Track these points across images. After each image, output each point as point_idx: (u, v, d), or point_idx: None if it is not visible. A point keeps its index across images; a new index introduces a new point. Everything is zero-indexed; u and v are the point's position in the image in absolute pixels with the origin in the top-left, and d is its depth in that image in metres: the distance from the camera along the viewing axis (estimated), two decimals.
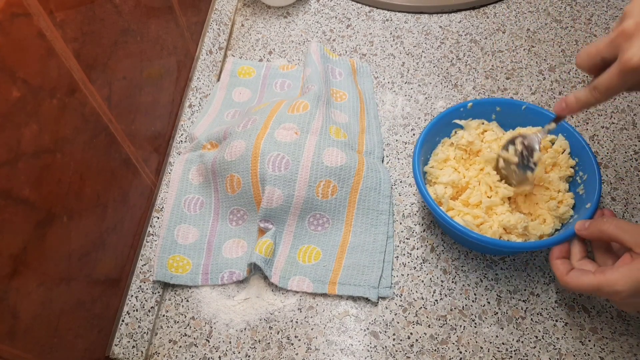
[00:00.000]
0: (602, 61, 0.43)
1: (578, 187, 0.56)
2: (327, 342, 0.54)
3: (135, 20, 0.54)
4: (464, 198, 0.57)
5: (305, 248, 0.59)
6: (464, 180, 0.57)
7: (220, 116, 0.70)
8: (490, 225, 0.54)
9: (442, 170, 0.59)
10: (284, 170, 0.57)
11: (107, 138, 0.49)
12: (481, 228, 0.54)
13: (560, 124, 0.53)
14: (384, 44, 0.79)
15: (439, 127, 0.60)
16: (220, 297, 0.57)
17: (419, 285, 0.58)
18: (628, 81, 0.41)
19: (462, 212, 0.55)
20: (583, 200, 0.55)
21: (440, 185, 0.57)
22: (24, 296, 0.38)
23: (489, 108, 0.61)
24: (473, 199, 0.56)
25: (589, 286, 0.45)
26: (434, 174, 0.59)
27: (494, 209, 0.56)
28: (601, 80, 0.43)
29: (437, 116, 0.60)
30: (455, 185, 0.57)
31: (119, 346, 0.52)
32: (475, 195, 0.56)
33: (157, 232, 0.59)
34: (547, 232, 0.54)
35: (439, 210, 0.52)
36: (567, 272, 0.47)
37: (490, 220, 0.55)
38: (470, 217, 0.54)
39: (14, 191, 0.36)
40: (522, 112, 0.60)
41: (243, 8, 0.85)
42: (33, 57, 0.37)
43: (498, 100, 0.62)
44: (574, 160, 0.58)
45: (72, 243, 0.44)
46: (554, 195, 0.57)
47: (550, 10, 0.82)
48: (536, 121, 0.60)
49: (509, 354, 0.53)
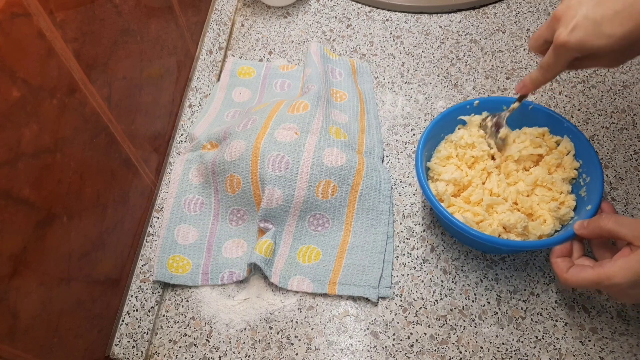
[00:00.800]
0: (545, 43, 0.50)
1: (580, 189, 0.56)
2: (327, 342, 0.54)
3: (135, 20, 0.54)
4: (466, 195, 0.57)
5: (305, 248, 0.59)
6: (466, 179, 0.57)
7: (220, 116, 0.70)
8: (489, 223, 0.54)
9: (444, 167, 0.59)
10: (284, 170, 0.57)
11: (107, 138, 0.49)
12: (480, 225, 0.54)
13: (567, 126, 0.58)
14: (384, 44, 0.79)
15: (444, 124, 0.60)
16: (220, 297, 0.57)
17: (419, 285, 0.58)
18: (561, 57, 0.47)
19: (462, 208, 0.55)
20: (584, 202, 0.55)
21: (442, 182, 0.57)
22: (24, 296, 0.38)
23: (495, 106, 0.61)
24: (474, 197, 0.56)
25: (588, 281, 0.45)
26: (436, 170, 0.59)
27: (495, 208, 0.56)
28: (544, 59, 0.50)
29: (443, 112, 0.60)
30: (457, 183, 0.57)
31: (119, 346, 0.52)
32: (476, 194, 0.56)
33: (157, 232, 0.59)
34: (546, 233, 0.54)
35: (440, 207, 0.52)
36: (567, 270, 0.48)
37: (490, 218, 0.55)
38: (470, 214, 0.54)
39: (14, 191, 0.36)
40: (528, 112, 0.60)
41: (243, 8, 0.85)
42: (33, 57, 0.37)
43: (505, 99, 0.61)
44: (578, 162, 0.58)
45: (72, 243, 0.44)
46: (556, 197, 0.56)
47: (550, 10, 0.82)
48: (542, 121, 0.60)
49: (509, 354, 0.53)
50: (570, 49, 0.46)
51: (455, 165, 0.59)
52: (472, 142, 0.59)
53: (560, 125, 0.59)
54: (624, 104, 0.71)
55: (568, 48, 0.46)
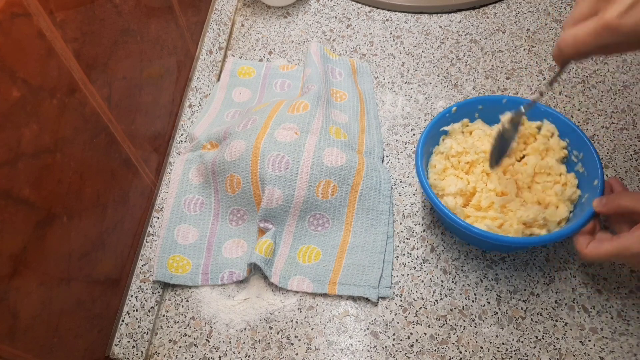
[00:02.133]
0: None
1: (576, 166, 0.57)
2: (327, 342, 0.54)
3: (135, 20, 0.54)
4: (475, 203, 0.56)
5: (305, 248, 0.59)
6: (470, 186, 0.57)
7: (220, 116, 0.70)
8: (510, 224, 0.54)
9: (445, 181, 0.58)
10: (284, 170, 0.57)
11: (107, 138, 0.49)
12: (503, 229, 0.54)
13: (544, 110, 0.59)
14: (384, 44, 0.79)
15: (430, 137, 0.59)
16: (220, 297, 0.57)
17: (419, 285, 0.58)
18: (603, 40, 0.38)
19: (479, 217, 0.55)
20: (586, 177, 0.55)
21: (449, 196, 0.56)
22: (24, 296, 0.38)
23: (472, 108, 0.61)
24: (484, 202, 0.55)
25: (607, 253, 0.46)
26: (438, 186, 0.57)
27: (507, 206, 0.56)
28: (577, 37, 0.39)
29: (426, 127, 0.59)
30: (463, 193, 0.56)
31: (119, 346, 0.52)
32: (485, 198, 0.55)
33: (157, 232, 0.59)
34: (564, 217, 0.54)
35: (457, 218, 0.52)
36: (586, 245, 0.49)
37: (509, 218, 0.54)
38: (489, 221, 0.54)
39: (14, 191, 0.36)
40: (503, 105, 0.61)
41: (243, 8, 0.85)
42: (33, 57, 0.37)
43: (480, 99, 0.61)
44: (564, 141, 0.59)
45: (72, 243, 0.44)
46: (557, 180, 0.57)
47: (550, 10, 0.82)
48: None
49: (509, 354, 0.53)
50: (622, 33, 0.37)
51: (454, 176, 0.58)
52: (463, 148, 0.59)
53: (537, 110, 0.60)
54: (624, 104, 0.71)
55: (619, 33, 0.37)
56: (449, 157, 0.59)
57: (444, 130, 0.61)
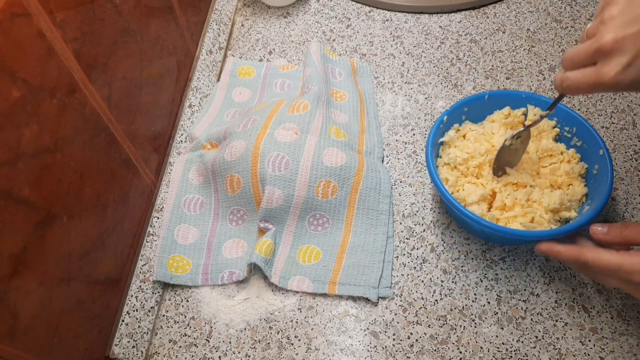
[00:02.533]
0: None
1: (572, 141, 0.59)
2: (327, 342, 0.54)
3: (135, 20, 0.54)
4: (499, 205, 0.56)
5: (305, 248, 0.59)
6: (488, 190, 0.56)
7: (220, 116, 0.70)
8: (540, 215, 0.53)
9: (463, 192, 0.56)
10: (284, 170, 0.57)
11: (107, 138, 0.49)
12: (536, 221, 0.53)
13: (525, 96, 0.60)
14: (384, 44, 0.79)
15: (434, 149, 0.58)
16: (220, 297, 0.57)
17: (419, 285, 0.58)
18: (604, 91, 0.42)
19: (509, 217, 0.54)
20: (587, 149, 0.57)
21: (473, 205, 0.55)
22: (24, 296, 0.38)
23: (459, 113, 0.61)
24: (508, 201, 0.55)
25: (608, 262, 0.44)
26: (459, 197, 0.56)
27: (530, 197, 0.56)
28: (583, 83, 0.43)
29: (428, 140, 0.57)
30: (485, 198, 0.56)
31: (119, 346, 0.52)
32: (508, 198, 0.55)
33: (157, 232, 0.59)
34: (584, 192, 0.55)
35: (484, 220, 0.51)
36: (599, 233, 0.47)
37: (537, 210, 0.54)
38: (522, 219, 0.54)
39: (14, 191, 0.36)
40: (486, 102, 0.61)
41: (243, 8, 0.85)
42: (33, 57, 0.37)
43: (464, 102, 0.61)
44: (553, 120, 0.60)
45: (72, 243, 0.44)
46: (561, 158, 0.58)
47: (550, 10, 0.82)
48: (501, 104, 0.61)
49: (509, 354, 0.53)
50: (622, 88, 0.40)
51: (470, 184, 0.57)
52: (467, 154, 0.58)
53: (518, 98, 0.61)
54: (624, 104, 0.71)
55: (619, 87, 0.40)
56: (457, 167, 0.58)
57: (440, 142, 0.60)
